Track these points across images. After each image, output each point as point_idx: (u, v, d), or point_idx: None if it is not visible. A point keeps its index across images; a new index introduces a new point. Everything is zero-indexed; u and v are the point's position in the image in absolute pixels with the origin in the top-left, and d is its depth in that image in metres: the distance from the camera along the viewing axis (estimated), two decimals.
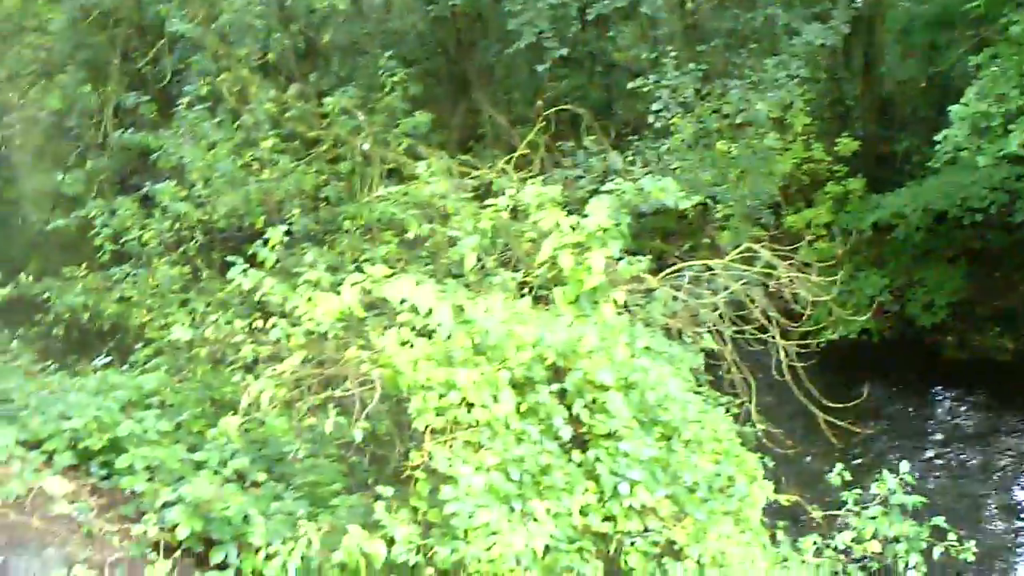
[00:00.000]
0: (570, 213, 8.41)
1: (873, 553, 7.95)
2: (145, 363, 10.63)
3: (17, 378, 10.59)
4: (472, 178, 10.74)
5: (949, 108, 14.06)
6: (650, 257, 8.61)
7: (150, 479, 7.92)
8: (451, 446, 6.51)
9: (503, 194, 9.34)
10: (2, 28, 26.71)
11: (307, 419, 7.36)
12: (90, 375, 10.56)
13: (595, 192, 11.72)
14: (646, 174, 12.04)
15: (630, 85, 16.54)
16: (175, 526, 6.99)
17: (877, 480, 8.23)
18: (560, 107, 13.08)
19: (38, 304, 11.64)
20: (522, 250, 8.87)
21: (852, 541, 8.02)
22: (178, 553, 7.08)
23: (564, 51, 15.67)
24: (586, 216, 8.16)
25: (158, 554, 7.03)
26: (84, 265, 11.55)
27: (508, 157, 11.27)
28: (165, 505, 7.21)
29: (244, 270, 7.53)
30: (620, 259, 8.29)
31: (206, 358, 9.34)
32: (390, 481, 6.80)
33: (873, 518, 8.09)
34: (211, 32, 13.76)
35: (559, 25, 15.87)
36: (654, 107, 15.28)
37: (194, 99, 11.92)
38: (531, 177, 10.83)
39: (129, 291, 10.73)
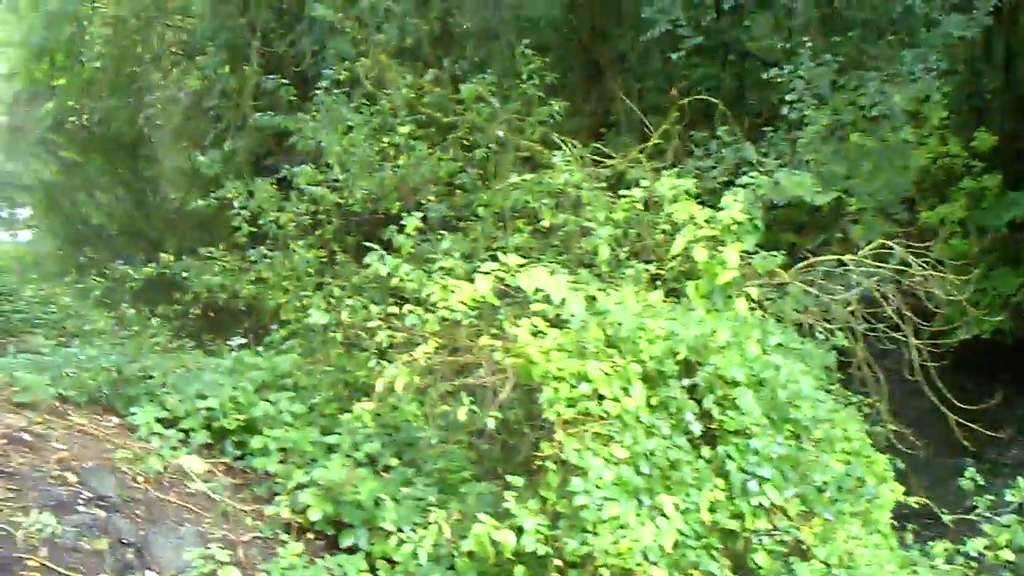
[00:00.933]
0: (702, 204, 8.37)
1: (1007, 562, 7.77)
2: (279, 345, 10.81)
3: (156, 356, 10.84)
4: (605, 167, 10.72)
5: None
6: (784, 253, 8.51)
7: (283, 461, 8.07)
8: (582, 438, 6.51)
9: (637, 184, 9.32)
10: (146, 11, 27.38)
11: (439, 406, 7.42)
12: (225, 355, 10.78)
13: (727, 183, 11.64)
14: (779, 166, 11.93)
15: (764, 75, 16.35)
16: (307, 508, 7.11)
17: (1012, 487, 8.03)
18: (694, 97, 12.97)
19: (176, 283, 11.89)
20: (655, 242, 8.83)
21: (985, 548, 7.85)
22: (309, 535, 7.21)
23: (699, 40, 15.56)
24: (721, 209, 8.12)
25: (290, 535, 7.16)
26: (222, 246, 11.77)
27: (641, 147, 11.24)
28: (298, 487, 7.33)
29: (381, 256, 7.61)
30: (754, 253, 8.24)
31: (340, 342, 9.45)
32: (520, 471, 6.81)
33: (1007, 526, 7.90)
34: (351, 17, 13.92)
35: (694, 13, 15.79)
36: (788, 98, 15.09)
37: (332, 83, 12.05)
38: (664, 167, 10.79)
39: (265, 272, 10.91)
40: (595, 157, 10.76)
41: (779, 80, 15.51)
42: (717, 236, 7.94)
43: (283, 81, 12.59)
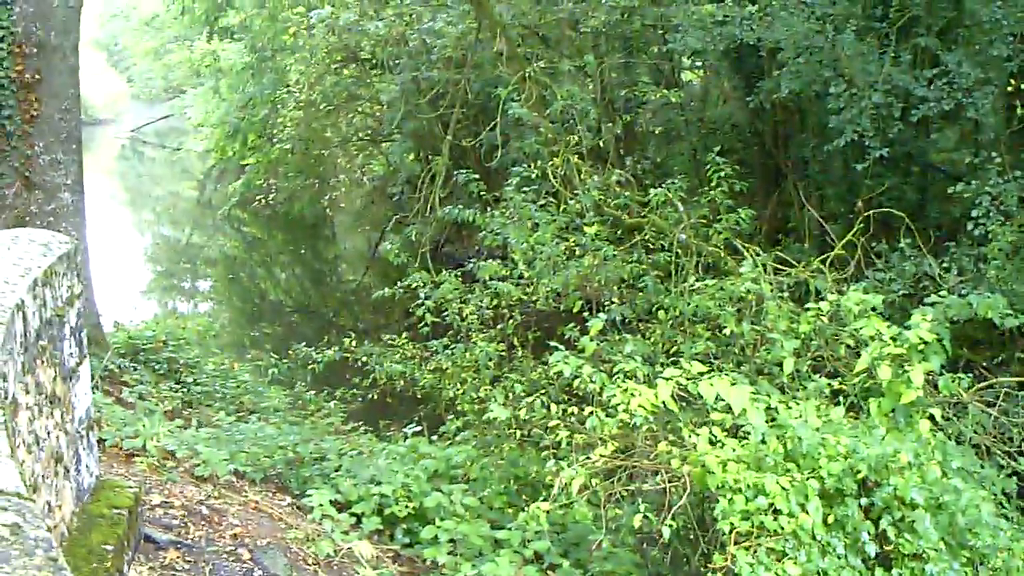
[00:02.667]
0: (884, 318, 8.27)
1: None
2: (454, 435, 10.94)
3: (330, 437, 11.07)
4: (785, 275, 10.68)
5: None
6: (970, 377, 8.34)
7: (452, 552, 8.13)
8: (755, 552, 6.44)
9: (821, 295, 9.26)
10: (338, 97, 28.19)
11: (612, 509, 7.42)
12: (399, 441, 10.95)
13: (907, 296, 11.48)
14: (961, 283, 11.72)
15: (951, 190, 16.10)
16: None
17: None
18: (878, 208, 12.83)
19: (356, 366, 12.14)
20: (837, 356, 8.74)
21: None
22: None
23: (885, 151, 15.41)
24: (907, 327, 8.01)
25: None
26: (405, 335, 12.01)
27: (823, 256, 11.16)
28: None
29: (565, 357, 7.68)
30: (940, 374, 8.09)
31: (515, 437, 9.52)
32: None
33: None
34: (545, 118, 14.16)
35: (881, 124, 15.65)
36: (973, 213, 14.82)
37: (521, 180, 12.25)
38: (845, 278, 10.70)
39: (445, 363, 11.06)
40: (776, 265, 10.72)
41: (965, 195, 15.27)
42: (903, 354, 7.81)
43: (474, 176, 12.81)
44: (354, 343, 11.95)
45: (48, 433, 5.14)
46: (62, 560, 2.14)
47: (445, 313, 11.42)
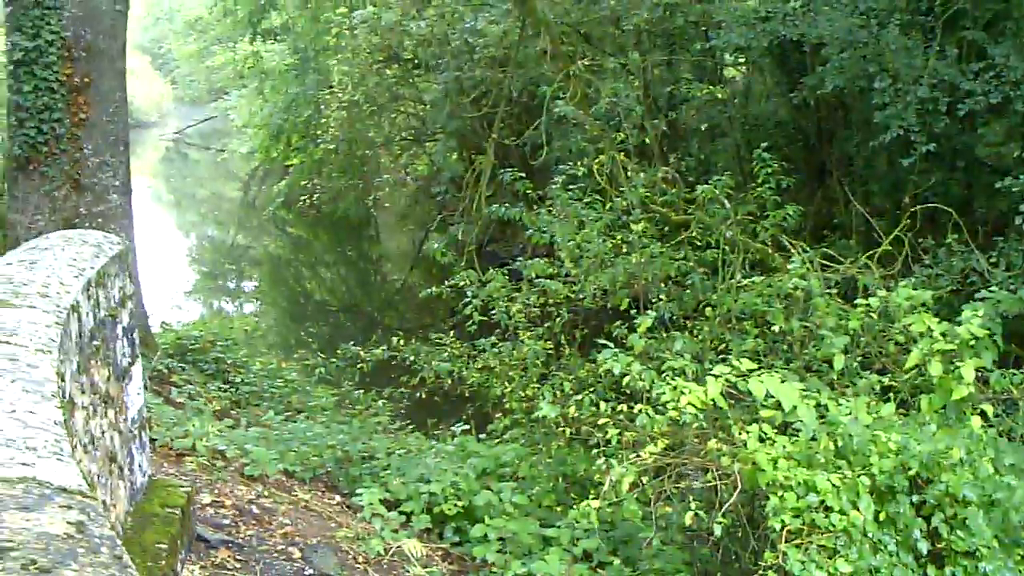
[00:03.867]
0: (932, 314, 8.22)
1: None
2: (502, 434, 10.95)
3: (378, 436, 11.11)
4: (832, 271, 10.63)
5: None
6: (1022, 372, 8.26)
7: (501, 551, 8.15)
8: (806, 549, 6.43)
9: (868, 291, 9.21)
10: (381, 97, 28.25)
11: (662, 507, 7.41)
12: (447, 440, 10.97)
13: (955, 292, 11.39)
14: (1008, 277, 11.63)
15: (998, 184, 15.96)
16: None
17: None
18: (924, 204, 12.75)
19: (403, 365, 12.17)
20: (888, 353, 8.69)
21: None
22: None
23: (931, 146, 15.30)
24: (958, 323, 7.95)
25: None
26: (452, 333, 12.02)
27: (871, 252, 11.11)
28: None
29: (615, 354, 7.68)
30: (991, 370, 8.03)
31: (563, 435, 9.53)
32: None
33: None
34: (590, 116, 14.16)
35: (927, 119, 15.53)
36: (1021, 207, 14.69)
37: (568, 178, 12.25)
38: (892, 275, 10.64)
39: (492, 361, 11.07)
40: (823, 261, 10.68)
41: (1012, 189, 15.14)
42: (954, 350, 7.76)
43: (520, 174, 12.81)
44: (400, 342, 11.98)
45: (103, 433, 5.19)
46: (127, 558, 2.16)
47: (492, 311, 11.43)
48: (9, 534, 2.06)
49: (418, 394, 12.04)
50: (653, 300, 10.85)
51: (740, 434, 6.97)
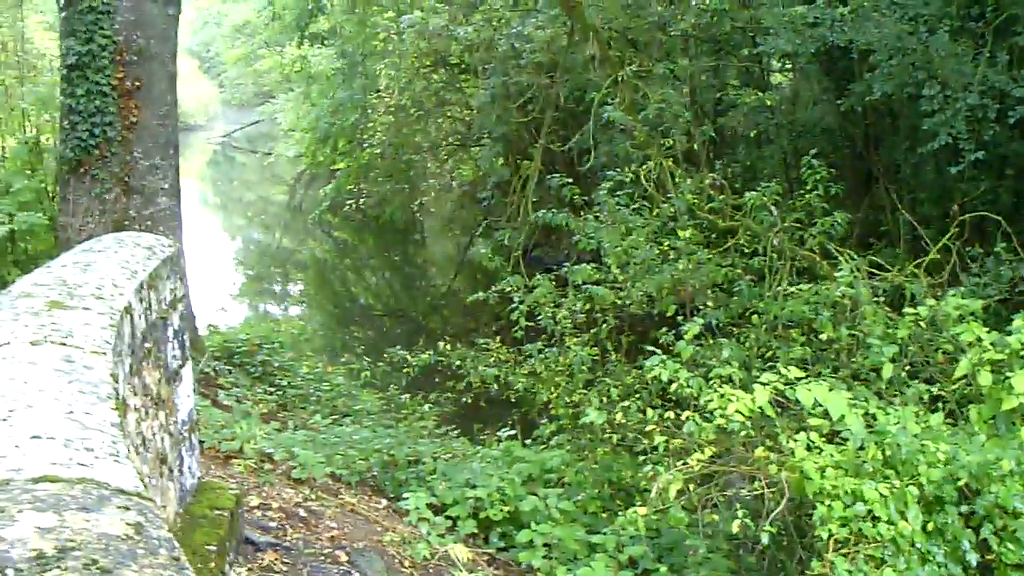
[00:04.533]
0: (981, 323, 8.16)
1: None
2: (548, 439, 10.96)
3: (424, 441, 11.14)
4: (880, 280, 10.58)
5: None
6: None
7: (547, 556, 8.15)
8: (853, 559, 6.40)
9: (918, 300, 9.16)
10: (428, 102, 28.32)
11: (709, 515, 7.40)
12: (493, 445, 10.99)
13: (1003, 302, 11.30)
14: None
15: None
16: None
17: None
18: (974, 212, 12.66)
19: (449, 369, 12.21)
20: (936, 362, 8.64)
21: None
22: None
23: (980, 154, 15.18)
24: (1009, 332, 7.89)
25: None
26: (498, 338, 12.05)
27: (918, 261, 11.05)
28: None
29: (662, 361, 7.67)
30: None
31: (610, 441, 9.53)
32: None
33: None
34: (638, 122, 14.14)
35: (976, 127, 15.41)
36: None
37: (615, 184, 12.24)
38: (940, 284, 10.57)
39: (538, 367, 11.08)
40: (870, 269, 10.63)
41: None
42: (1003, 360, 7.70)
43: (567, 180, 12.81)
44: (447, 347, 12.02)
45: (154, 434, 5.23)
46: (184, 560, 2.19)
47: (538, 317, 11.45)
48: (70, 534, 2.09)
49: (464, 399, 12.07)
50: (700, 307, 10.84)
51: (788, 442, 6.95)
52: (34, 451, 2.60)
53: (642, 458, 8.31)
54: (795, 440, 6.91)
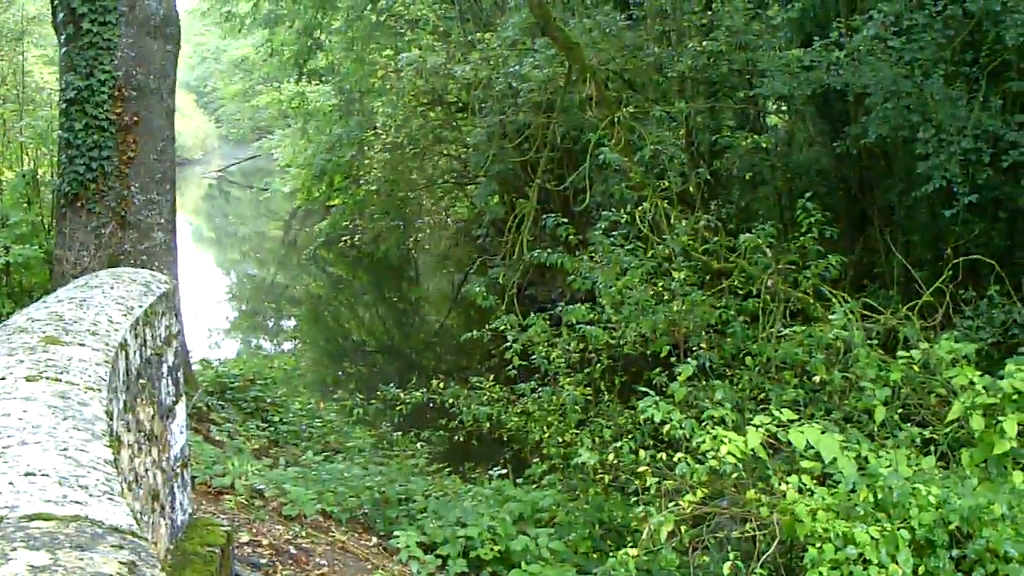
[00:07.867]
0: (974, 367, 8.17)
1: None
2: (539, 478, 10.95)
3: (416, 478, 11.13)
4: (873, 322, 10.61)
5: None
6: None
7: None
8: None
9: (910, 343, 9.19)
10: (423, 140, 28.42)
11: (701, 556, 7.39)
12: (485, 484, 10.98)
13: (995, 345, 11.32)
14: None
15: None
16: None
17: None
18: (968, 255, 12.70)
19: (441, 407, 12.21)
20: (929, 405, 8.66)
21: None
22: None
23: (974, 197, 15.24)
24: (1001, 376, 7.91)
25: None
26: (491, 376, 12.05)
27: (912, 303, 11.07)
28: None
29: (655, 402, 7.68)
30: None
31: (601, 482, 9.53)
32: None
33: None
34: (634, 163, 14.20)
35: (970, 170, 15.48)
36: None
37: (609, 224, 12.27)
38: (934, 327, 10.60)
39: (531, 406, 11.09)
40: (863, 311, 10.65)
41: None
42: (996, 404, 7.71)
43: (563, 220, 12.84)
44: (440, 385, 12.03)
45: (146, 471, 5.23)
46: None
47: (532, 356, 11.46)
48: (64, 572, 2.09)
49: (456, 437, 12.08)
50: (693, 348, 10.85)
51: (779, 485, 6.95)
52: (28, 488, 2.60)
53: (634, 499, 8.31)
54: (787, 482, 6.91)
